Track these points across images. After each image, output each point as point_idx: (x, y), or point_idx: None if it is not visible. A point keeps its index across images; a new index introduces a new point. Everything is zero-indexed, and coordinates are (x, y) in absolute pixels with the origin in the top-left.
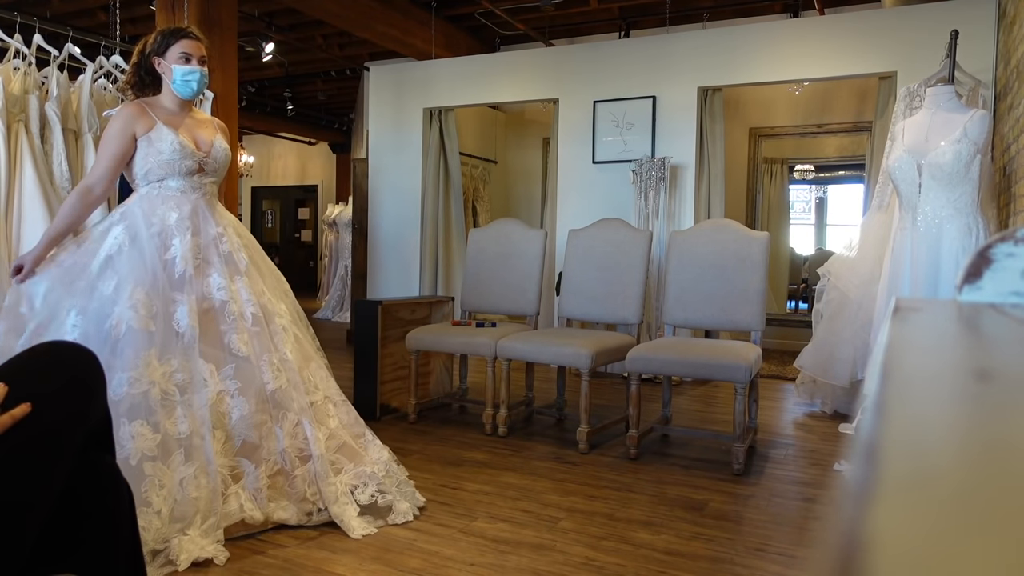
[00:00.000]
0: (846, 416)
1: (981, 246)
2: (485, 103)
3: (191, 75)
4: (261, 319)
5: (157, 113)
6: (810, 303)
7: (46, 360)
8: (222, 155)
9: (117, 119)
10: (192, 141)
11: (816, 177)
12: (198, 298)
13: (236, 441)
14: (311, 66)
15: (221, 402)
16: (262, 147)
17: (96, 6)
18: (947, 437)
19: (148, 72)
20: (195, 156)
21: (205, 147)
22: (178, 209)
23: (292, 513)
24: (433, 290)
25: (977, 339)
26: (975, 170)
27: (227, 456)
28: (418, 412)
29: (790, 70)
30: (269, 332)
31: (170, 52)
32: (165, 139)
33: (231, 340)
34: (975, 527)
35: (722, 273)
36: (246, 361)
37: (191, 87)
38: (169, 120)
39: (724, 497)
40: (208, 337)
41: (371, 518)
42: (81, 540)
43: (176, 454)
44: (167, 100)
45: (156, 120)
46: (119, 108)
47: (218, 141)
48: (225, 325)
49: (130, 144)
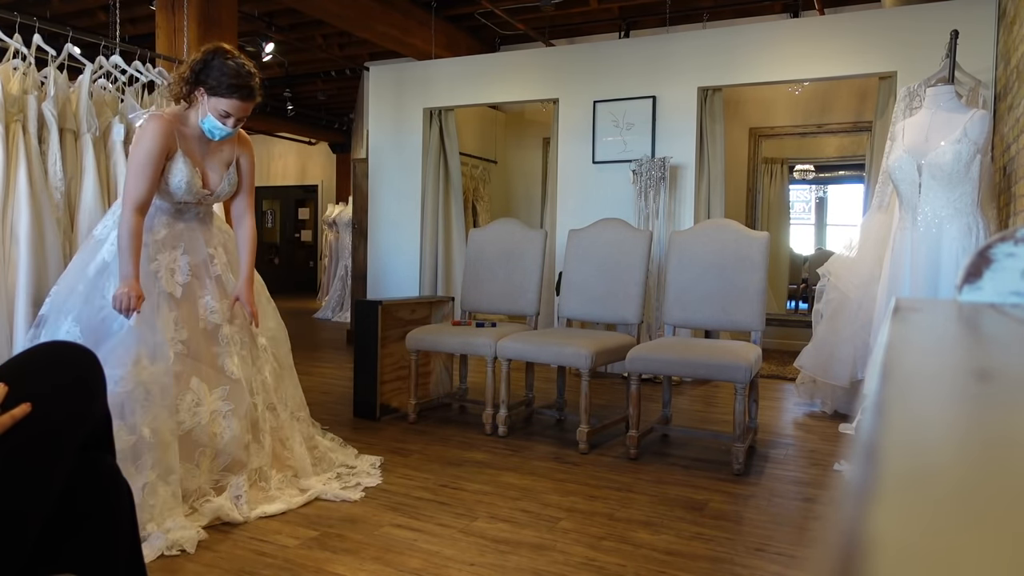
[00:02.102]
0: (846, 416)
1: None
2: (485, 103)
3: (220, 130)
4: (248, 343)
5: (182, 132)
6: (810, 303)
7: (46, 360)
8: (226, 190)
9: (153, 137)
10: (202, 176)
11: (816, 177)
12: (180, 316)
13: (223, 460)
14: (311, 66)
15: (214, 423)
16: (262, 147)
17: (96, 6)
18: (947, 437)
19: (192, 87)
20: (198, 194)
21: (213, 184)
22: (168, 227)
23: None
24: (433, 290)
25: (977, 339)
26: (975, 170)
27: (213, 472)
28: (418, 412)
29: (790, 70)
30: (251, 357)
31: (217, 99)
32: (178, 173)
33: (225, 363)
34: (975, 526)
35: (722, 273)
36: (238, 383)
37: (214, 136)
38: (189, 146)
39: (724, 497)
40: (203, 357)
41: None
42: (81, 540)
43: (145, 457)
44: (194, 119)
45: (178, 148)
46: (149, 121)
47: (228, 177)
48: (219, 347)
49: (165, 161)
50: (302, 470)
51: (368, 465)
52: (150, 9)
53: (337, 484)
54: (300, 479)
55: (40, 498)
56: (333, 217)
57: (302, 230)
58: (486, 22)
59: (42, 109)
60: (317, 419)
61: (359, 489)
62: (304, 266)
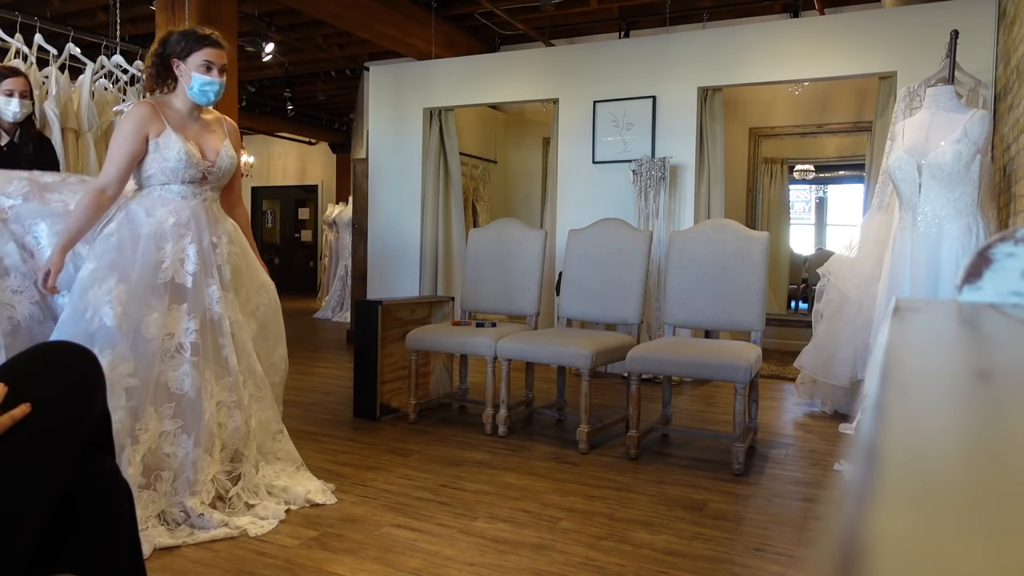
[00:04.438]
0: (846, 416)
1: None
2: (485, 103)
3: (210, 85)
4: (240, 337)
5: (168, 115)
6: (810, 303)
7: (46, 360)
8: (227, 163)
9: (129, 119)
10: (199, 149)
11: (816, 177)
12: (191, 306)
13: (229, 450)
14: (311, 66)
15: (220, 413)
16: (262, 147)
17: (96, 6)
18: (947, 437)
19: (166, 69)
20: (200, 166)
21: (212, 156)
22: (176, 215)
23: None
24: (433, 290)
25: (977, 339)
26: (975, 170)
27: (223, 463)
28: (418, 412)
29: (790, 70)
30: (240, 351)
31: (192, 58)
32: (172, 147)
33: (228, 355)
34: (975, 527)
35: (722, 273)
36: (236, 376)
37: (208, 97)
38: (179, 125)
39: (724, 497)
40: (208, 348)
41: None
42: (81, 541)
43: (122, 455)
44: (179, 102)
45: (166, 124)
46: (131, 107)
47: (225, 149)
48: (223, 339)
49: (143, 145)
50: (292, 459)
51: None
52: (150, 9)
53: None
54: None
55: (40, 499)
56: (333, 217)
57: (302, 230)
58: (486, 22)
59: (44, 108)
60: (317, 419)
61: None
62: (304, 266)
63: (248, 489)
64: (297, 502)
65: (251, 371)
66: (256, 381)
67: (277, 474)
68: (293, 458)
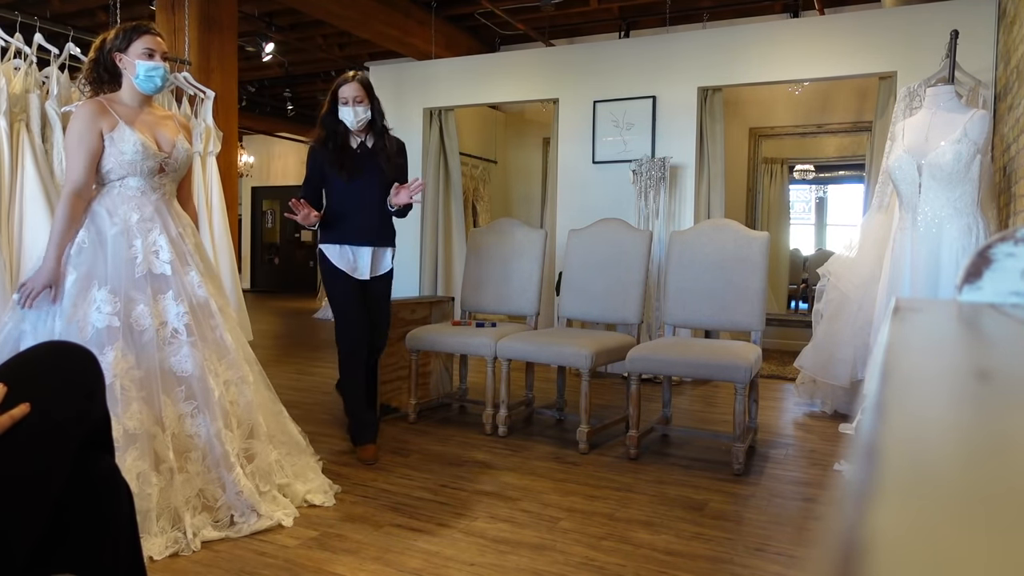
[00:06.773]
0: (846, 416)
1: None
2: (485, 103)
3: (155, 71)
4: (230, 317)
5: (118, 110)
6: (810, 303)
7: (46, 360)
8: (183, 155)
9: (80, 118)
10: (154, 141)
11: (816, 177)
12: (176, 292)
13: (246, 427)
14: (311, 66)
15: (229, 391)
16: (262, 147)
17: (96, 6)
18: (947, 437)
19: (107, 69)
20: (157, 157)
21: (167, 147)
22: (139, 210)
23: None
24: (433, 290)
25: (977, 339)
26: (975, 170)
27: (241, 440)
28: (418, 412)
29: (790, 70)
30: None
31: (132, 48)
32: (127, 139)
33: (222, 335)
34: (975, 527)
35: (722, 273)
36: (235, 353)
37: (154, 82)
38: (130, 118)
39: (724, 497)
40: (204, 331)
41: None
42: (81, 540)
43: (131, 449)
44: (127, 96)
45: (118, 119)
46: (79, 105)
47: (180, 142)
48: (214, 320)
49: (99, 141)
50: (295, 446)
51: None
52: (150, 9)
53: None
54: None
55: (40, 498)
56: None
57: (302, 230)
58: (486, 22)
59: (45, 108)
60: (317, 418)
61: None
62: (304, 266)
63: (262, 470)
64: (295, 501)
65: (244, 350)
66: (249, 360)
67: (280, 465)
68: (296, 442)
